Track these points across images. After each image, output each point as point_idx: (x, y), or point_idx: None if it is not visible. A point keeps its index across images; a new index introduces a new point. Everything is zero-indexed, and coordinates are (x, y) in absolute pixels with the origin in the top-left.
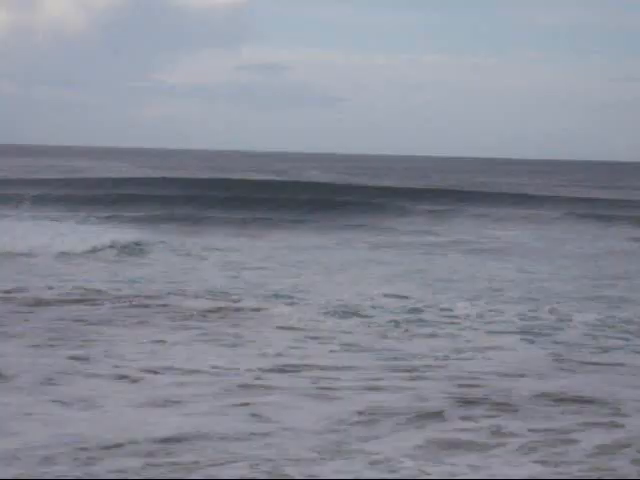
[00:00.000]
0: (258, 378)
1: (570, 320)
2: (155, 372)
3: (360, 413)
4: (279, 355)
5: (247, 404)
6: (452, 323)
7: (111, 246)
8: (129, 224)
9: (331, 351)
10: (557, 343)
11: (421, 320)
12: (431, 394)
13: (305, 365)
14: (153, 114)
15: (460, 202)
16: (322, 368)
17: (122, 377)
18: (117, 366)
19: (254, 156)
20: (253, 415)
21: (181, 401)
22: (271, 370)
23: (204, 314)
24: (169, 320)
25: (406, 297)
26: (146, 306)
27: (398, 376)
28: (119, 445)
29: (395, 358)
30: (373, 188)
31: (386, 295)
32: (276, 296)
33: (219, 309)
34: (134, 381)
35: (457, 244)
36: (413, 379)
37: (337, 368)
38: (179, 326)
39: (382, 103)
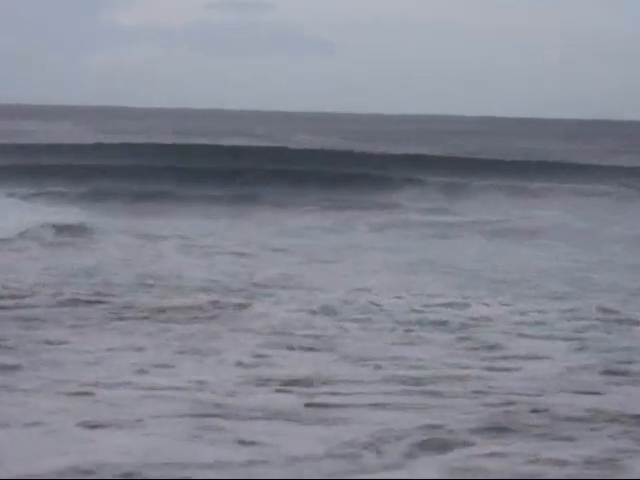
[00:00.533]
0: (234, 394)
1: (623, 320)
2: (106, 387)
3: (367, 437)
4: (259, 365)
5: (222, 429)
6: (476, 325)
7: (46, 228)
8: (70, 201)
9: (325, 361)
10: (609, 351)
11: (435, 322)
12: (452, 414)
13: (293, 378)
14: (103, 63)
15: (485, 173)
16: (314, 381)
17: (61, 393)
18: (56, 380)
19: (229, 116)
20: (238, 442)
21: (139, 422)
22: (250, 383)
23: (168, 313)
24: (123, 321)
25: (416, 292)
26: (92, 303)
27: (408, 391)
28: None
29: (403, 369)
30: (377, 156)
31: (391, 289)
32: (257, 290)
33: (187, 308)
34: (77, 397)
35: (479, 225)
36: (428, 395)
37: (332, 381)
38: (136, 329)
39: (386, 49)
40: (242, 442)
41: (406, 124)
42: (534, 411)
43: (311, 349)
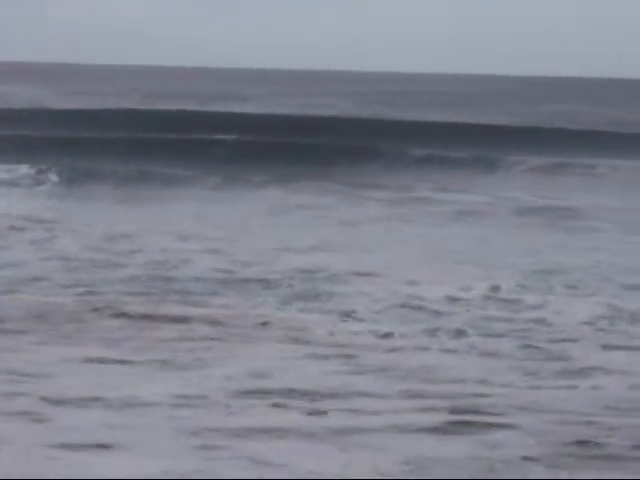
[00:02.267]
0: (228, 408)
1: None
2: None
3: (404, 464)
4: (256, 377)
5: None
6: (527, 329)
7: None
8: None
9: (334, 372)
10: None
11: (462, 330)
12: (504, 438)
13: (298, 391)
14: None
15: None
16: (324, 395)
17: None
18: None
19: (213, 75)
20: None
21: (119, 443)
22: (245, 396)
23: (138, 317)
24: (78, 324)
25: (434, 283)
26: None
27: (447, 407)
28: None
29: (434, 383)
30: (390, 124)
31: (409, 283)
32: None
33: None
34: (37, 420)
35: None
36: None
37: (342, 395)
38: (93, 337)
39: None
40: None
41: (439, 85)
42: (603, 432)
43: (316, 354)
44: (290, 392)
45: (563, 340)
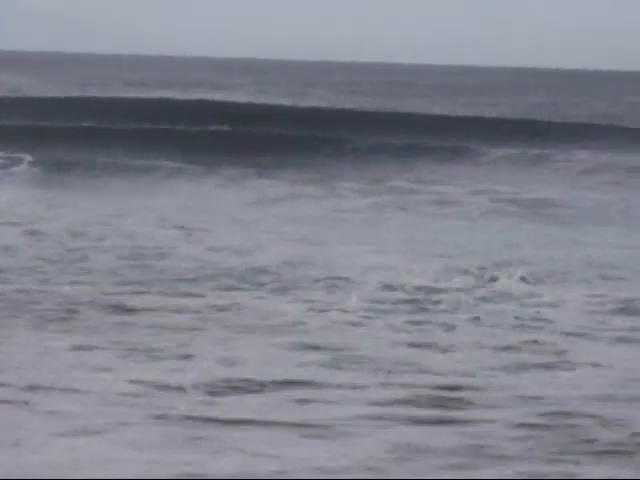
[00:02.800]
0: (211, 404)
1: None
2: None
3: (389, 452)
4: (235, 365)
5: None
6: (514, 320)
7: None
8: None
9: (311, 362)
10: None
11: (446, 321)
12: (490, 429)
13: (278, 381)
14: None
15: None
16: (303, 384)
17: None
18: None
19: (195, 63)
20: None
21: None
22: (229, 388)
23: (115, 307)
24: (53, 314)
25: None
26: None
27: (438, 397)
28: None
29: (417, 374)
30: (386, 116)
31: (390, 273)
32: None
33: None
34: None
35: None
36: (461, 406)
37: (322, 385)
38: (74, 327)
39: None
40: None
41: (426, 76)
42: (597, 423)
43: (293, 342)
44: (270, 382)
45: (553, 331)
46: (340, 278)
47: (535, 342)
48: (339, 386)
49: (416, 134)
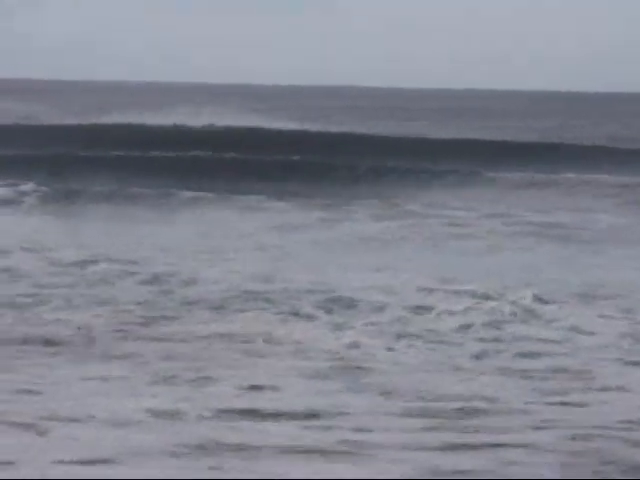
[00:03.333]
0: (231, 431)
1: None
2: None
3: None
4: (257, 391)
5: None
6: (541, 345)
7: None
8: None
9: (332, 388)
10: None
11: (471, 347)
12: (519, 455)
13: (302, 407)
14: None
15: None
16: (326, 411)
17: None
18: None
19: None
20: None
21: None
22: (251, 415)
23: (139, 334)
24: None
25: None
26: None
27: (463, 422)
28: None
29: (442, 401)
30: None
31: (416, 299)
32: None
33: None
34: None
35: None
36: (488, 431)
37: (346, 413)
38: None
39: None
40: None
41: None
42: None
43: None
44: (293, 408)
45: (577, 354)
46: (360, 302)
47: (559, 365)
48: (364, 412)
49: (427, 158)
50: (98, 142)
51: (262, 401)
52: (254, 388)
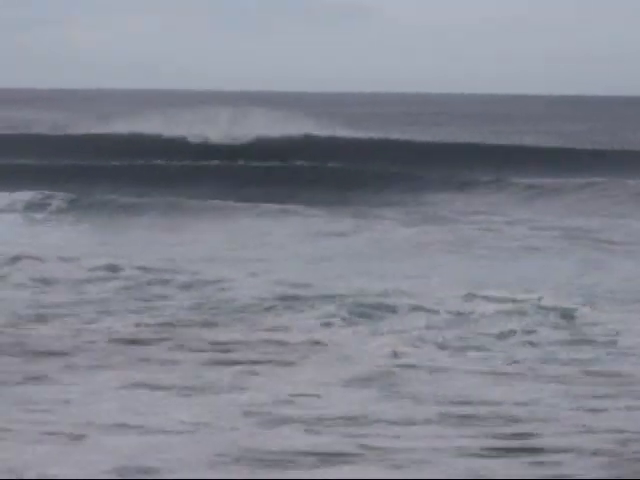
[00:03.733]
0: (270, 439)
1: None
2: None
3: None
4: (294, 398)
5: None
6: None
7: None
8: None
9: (370, 395)
10: None
11: (511, 353)
12: (563, 459)
13: (339, 414)
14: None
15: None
16: (363, 418)
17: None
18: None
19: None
20: None
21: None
22: (289, 423)
23: (179, 342)
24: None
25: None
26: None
27: (504, 428)
28: None
29: (482, 407)
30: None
31: (456, 306)
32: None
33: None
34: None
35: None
36: (530, 436)
37: (384, 419)
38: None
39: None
40: None
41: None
42: None
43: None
44: (330, 415)
45: (618, 359)
46: (397, 308)
47: (599, 370)
48: (401, 418)
49: (452, 165)
50: (125, 152)
51: (301, 409)
52: (294, 396)
